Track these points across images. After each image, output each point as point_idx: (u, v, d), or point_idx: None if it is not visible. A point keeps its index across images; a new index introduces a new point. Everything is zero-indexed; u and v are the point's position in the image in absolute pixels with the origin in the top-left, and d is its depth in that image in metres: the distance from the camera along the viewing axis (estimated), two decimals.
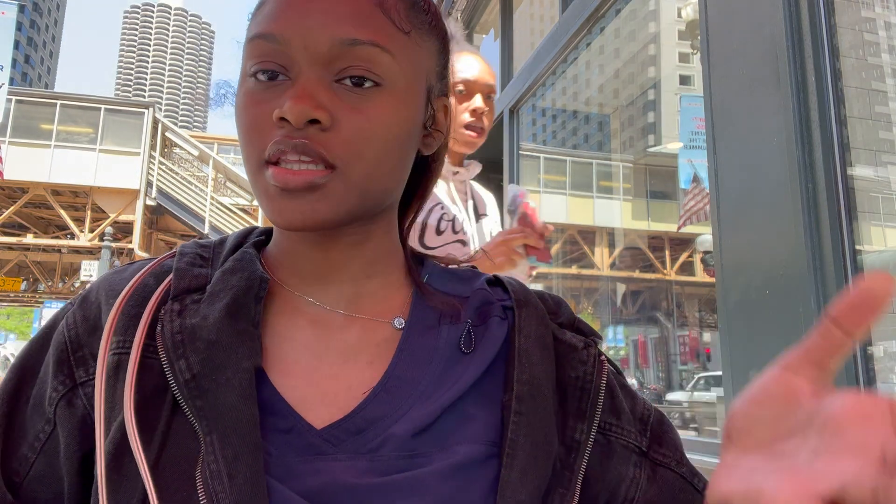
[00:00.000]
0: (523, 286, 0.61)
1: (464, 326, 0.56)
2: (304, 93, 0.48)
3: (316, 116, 0.48)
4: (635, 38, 5.54)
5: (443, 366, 0.54)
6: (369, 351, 0.54)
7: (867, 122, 2.08)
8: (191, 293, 0.53)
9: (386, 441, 0.49)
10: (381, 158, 0.51)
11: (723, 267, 2.06)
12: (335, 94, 0.50)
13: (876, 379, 1.71)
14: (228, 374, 0.48)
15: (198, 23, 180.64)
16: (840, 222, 1.75)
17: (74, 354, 0.52)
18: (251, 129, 0.50)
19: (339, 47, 0.49)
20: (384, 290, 0.58)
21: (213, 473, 0.44)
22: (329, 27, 0.49)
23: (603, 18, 3.37)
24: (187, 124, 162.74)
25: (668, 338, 7.24)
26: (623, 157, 7.08)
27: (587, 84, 5.49)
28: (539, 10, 4.71)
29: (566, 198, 7.41)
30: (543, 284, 6.71)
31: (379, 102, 0.50)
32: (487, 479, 0.50)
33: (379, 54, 0.50)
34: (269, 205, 0.50)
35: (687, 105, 4.78)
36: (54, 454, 0.52)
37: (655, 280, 8.00)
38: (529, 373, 0.53)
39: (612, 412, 0.57)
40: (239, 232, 0.61)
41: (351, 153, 0.49)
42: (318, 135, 0.48)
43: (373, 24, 0.50)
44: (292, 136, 0.48)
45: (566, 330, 0.59)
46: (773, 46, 1.88)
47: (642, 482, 0.56)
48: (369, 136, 0.50)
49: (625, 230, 7.29)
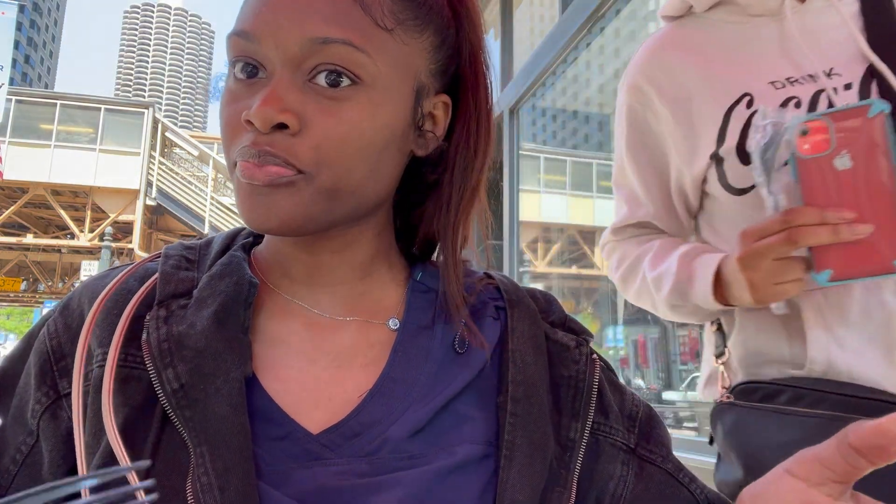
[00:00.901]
0: (515, 284, 0.60)
1: (457, 327, 0.55)
2: (273, 95, 0.46)
3: (282, 120, 0.46)
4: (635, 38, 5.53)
5: (437, 366, 0.53)
6: (364, 353, 0.53)
7: None
8: (177, 298, 0.51)
9: (384, 444, 0.49)
10: (353, 164, 0.48)
11: None
12: (306, 96, 0.48)
13: None
14: (218, 384, 0.46)
15: (198, 23, 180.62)
16: None
17: (57, 364, 0.51)
18: (227, 128, 0.49)
19: (309, 46, 0.47)
20: (378, 290, 0.57)
21: (205, 486, 0.43)
22: (300, 25, 0.47)
23: (603, 18, 3.37)
24: (187, 124, 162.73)
25: (668, 338, 7.24)
26: None
27: (587, 84, 5.49)
28: (539, 10, 4.71)
29: (566, 198, 7.42)
30: (544, 284, 6.72)
31: (353, 104, 0.48)
32: (483, 478, 0.50)
33: (353, 53, 0.47)
34: (240, 203, 0.49)
35: None
36: (37, 467, 0.50)
37: None
38: (523, 374, 0.53)
39: (600, 411, 0.57)
40: (226, 233, 0.60)
41: (319, 159, 0.47)
42: (285, 140, 0.47)
43: (348, 21, 0.47)
44: (257, 143, 0.47)
45: (558, 329, 0.59)
46: None
47: (630, 479, 0.56)
48: (340, 141, 0.47)
49: None
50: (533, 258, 6.14)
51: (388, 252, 0.59)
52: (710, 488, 0.61)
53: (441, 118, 0.56)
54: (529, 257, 5.47)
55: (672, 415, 5.44)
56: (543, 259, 6.68)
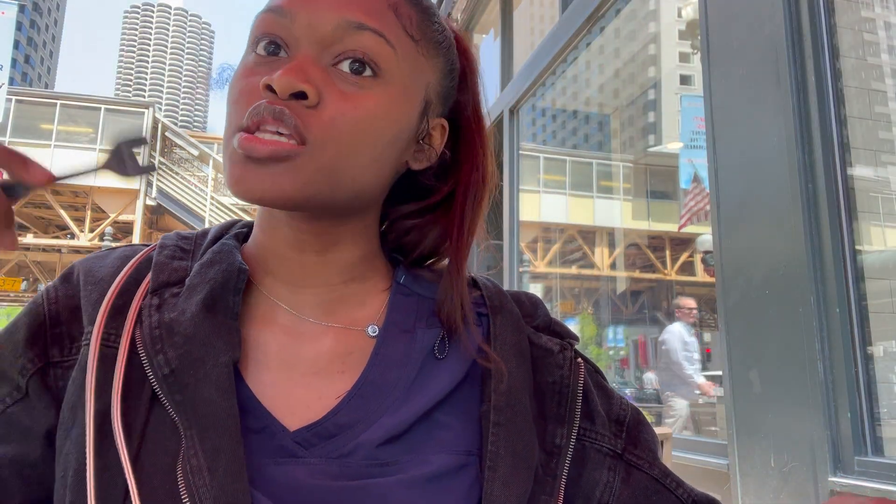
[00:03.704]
0: (499, 288, 0.60)
1: (438, 332, 0.55)
2: (298, 66, 0.48)
3: (303, 89, 0.47)
4: (635, 38, 5.54)
5: (416, 371, 0.53)
6: (342, 360, 0.54)
7: (867, 122, 2.08)
8: (170, 287, 0.52)
9: (357, 448, 0.49)
10: (358, 147, 0.49)
11: (723, 267, 2.06)
12: (328, 77, 0.49)
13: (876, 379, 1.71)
14: (207, 369, 0.47)
15: (198, 23, 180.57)
16: (840, 222, 1.75)
17: (51, 330, 0.51)
18: (238, 97, 0.50)
19: (343, 29, 0.49)
20: (360, 295, 0.57)
21: (194, 468, 0.44)
22: (338, 7, 0.49)
23: (603, 18, 3.37)
24: (187, 124, 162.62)
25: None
26: (623, 157, 7.08)
27: (587, 84, 5.49)
28: (539, 10, 4.70)
29: (566, 198, 7.42)
30: (544, 284, 6.71)
31: (371, 94, 0.49)
32: (462, 488, 0.49)
33: (382, 45, 0.50)
34: (231, 172, 0.48)
35: (687, 105, 4.78)
36: (15, 421, 0.50)
37: (655, 280, 7.99)
38: (507, 383, 0.53)
39: (586, 416, 0.57)
40: (222, 224, 0.60)
41: (328, 134, 0.48)
42: (300, 109, 0.47)
43: (383, 16, 0.50)
44: (274, 103, 0.47)
45: (542, 333, 0.59)
46: (773, 46, 1.88)
47: (616, 486, 0.56)
48: (352, 123, 0.48)
49: (625, 230, 7.28)
50: (533, 258, 6.14)
51: (373, 256, 0.59)
52: (699, 490, 0.60)
53: (437, 140, 0.58)
54: (529, 257, 5.47)
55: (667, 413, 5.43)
56: (543, 259, 6.67)
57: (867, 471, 1.59)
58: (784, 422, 1.78)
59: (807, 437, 1.70)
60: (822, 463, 1.65)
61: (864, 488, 1.56)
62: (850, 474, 1.62)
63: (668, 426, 4.24)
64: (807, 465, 1.70)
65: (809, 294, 1.73)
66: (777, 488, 1.79)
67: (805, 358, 1.72)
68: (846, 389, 1.66)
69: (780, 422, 1.80)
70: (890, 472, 1.55)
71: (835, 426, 1.67)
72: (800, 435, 1.73)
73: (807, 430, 1.70)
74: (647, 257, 7.85)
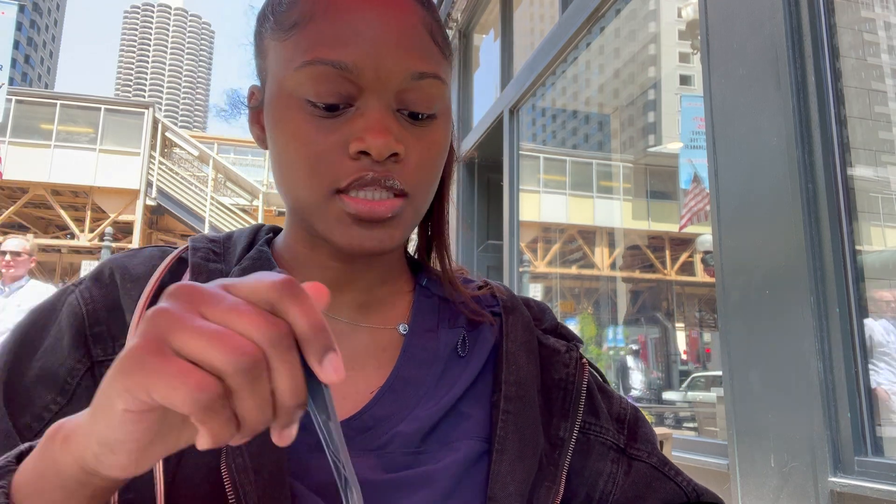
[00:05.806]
0: (511, 293, 0.65)
1: (459, 332, 0.60)
2: (382, 126, 0.49)
3: (397, 150, 0.50)
4: (635, 38, 5.54)
5: (442, 368, 0.57)
6: (377, 356, 0.57)
7: (867, 122, 2.08)
8: None
9: (393, 439, 0.52)
10: (434, 182, 0.55)
11: (723, 267, 2.06)
12: (400, 125, 0.51)
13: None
14: None
15: (198, 23, 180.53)
16: (840, 222, 1.75)
17: (91, 329, 0.52)
18: (319, 159, 0.50)
19: (408, 80, 0.51)
20: (391, 296, 0.60)
21: (240, 467, 0.45)
22: (402, 59, 0.50)
23: (603, 18, 3.37)
24: (187, 124, 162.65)
25: (669, 338, 7.24)
26: (623, 157, 7.08)
27: (587, 84, 5.49)
28: (539, 10, 4.71)
29: (566, 198, 7.41)
30: (544, 284, 6.72)
31: (436, 129, 0.53)
32: (483, 472, 0.53)
33: (439, 86, 0.53)
34: (345, 231, 0.51)
35: (687, 105, 4.78)
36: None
37: (655, 280, 7.99)
38: (516, 375, 0.57)
39: (591, 412, 0.62)
40: (248, 229, 0.62)
41: (417, 181, 0.52)
42: (394, 166, 0.51)
43: (432, 55, 0.53)
44: (376, 170, 0.50)
45: (550, 335, 0.63)
46: (773, 46, 1.88)
47: (619, 476, 0.61)
48: (430, 164, 0.53)
49: (625, 230, 7.28)
50: (533, 258, 6.14)
51: (400, 256, 0.63)
52: (699, 483, 0.65)
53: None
54: (529, 257, 5.47)
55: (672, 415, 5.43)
56: (543, 259, 6.67)
57: (867, 471, 1.60)
58: (784, 422, 1.78)
59: (807, 437, 1.70)
60: (822, 463, 1.65)
61: (864, 488, 1.56)
62: (850, 474, 1.62)
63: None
64: (807, 465, 1.70)
65: (809, 294, 1.73)
66: (777, 488, 1.79)
67: (805, 358, 1.72)
68: (846, 389, 1.66)
69: (780, 422, 1.80)
70: (890, 472, 1.55)
71: (835, 426, 1.67)
72: (800, 435, 1.73)
73: (807, 430, 1.70)
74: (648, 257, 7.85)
